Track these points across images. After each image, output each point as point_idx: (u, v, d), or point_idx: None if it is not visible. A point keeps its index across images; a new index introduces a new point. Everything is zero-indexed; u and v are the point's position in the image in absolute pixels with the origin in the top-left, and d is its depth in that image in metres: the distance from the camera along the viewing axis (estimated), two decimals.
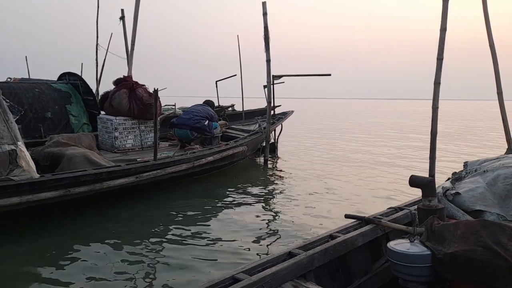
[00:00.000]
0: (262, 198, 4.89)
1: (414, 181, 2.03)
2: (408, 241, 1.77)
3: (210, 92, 10.74)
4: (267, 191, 5.29)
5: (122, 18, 8.02)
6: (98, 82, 10.38)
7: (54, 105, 6.37)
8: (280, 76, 7.71)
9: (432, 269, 1.65)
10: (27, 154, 3.61)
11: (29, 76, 10.66)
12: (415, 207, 2.15)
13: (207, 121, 6.19)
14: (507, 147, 4.71)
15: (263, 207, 4.51)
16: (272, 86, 7.28)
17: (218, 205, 4.53)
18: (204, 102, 7.01)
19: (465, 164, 2.65)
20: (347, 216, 2.27)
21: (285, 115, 8.78)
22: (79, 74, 7.53)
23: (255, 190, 5.28)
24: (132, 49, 6.78)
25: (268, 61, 6.97)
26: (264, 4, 6.72)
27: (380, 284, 1.94)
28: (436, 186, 2.17)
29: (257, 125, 7.61)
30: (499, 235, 1.56)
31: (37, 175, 3.59)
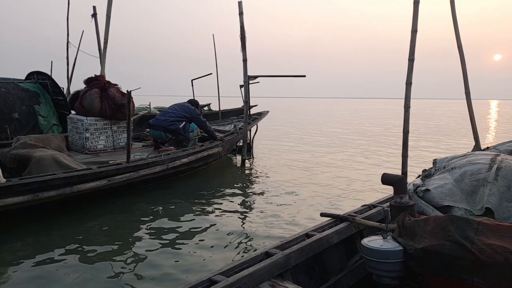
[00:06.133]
0: (238, 199, 4.87)
1: (386, 179, 2.07)
2: (381, 237, 1.80)
3: (186, 91, 10.61)
4: (243, 191, 5.28)
5: (94, 15, 7.79)
6: (69, 81, 10.05)
7: (22, 105, 6.10)
8: (255, 77, 7.71)
9: (404, 264, 1.69)
10: None
11: None
12: (388, 204, 2.20)
13: (183, 123, 6.02)
14: (474, 144, 4.92)
15: (239, 207, 4.49)
16: (248, 85, 7.28)
17: (193, 206, 4.48)
18: (188, 101, 6.63)
19: (434, 162, 2.74)
20: (322, 215, 2.29)
21: (260, 115, 8.81)
22: (49, 73, 7.26)
23: (231, 191, 5.26)
24: (105, 47, 6.58)
25: (245, 60, 6.95)
26: (240, 3, 6.70)
27: (355, 281, 1.98)
28: (407, 183, 2.23)
29: (232, 125, 7.58)
30: (466, 229, 1.61)
31: (3, 180, 3.43)
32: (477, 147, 4.85)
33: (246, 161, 7.22)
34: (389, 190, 2.35)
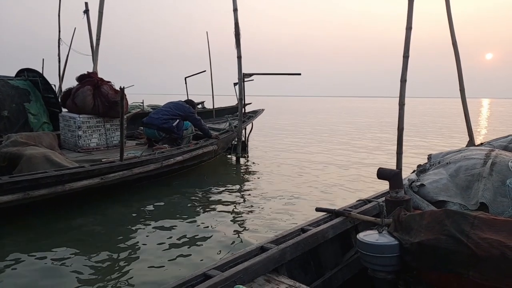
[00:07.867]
0: (233, 196, 4.85)
1: (382, 173, 2.06)
2: (377, 232, 1.79)
3: (180, 89, 10.54)
4: (238, 188, 5.26)
5: (86, 11, 7.71)
6: (61, 79, 9.95)
7: (11, 103, 6.02)
8: (250, 75, 7.68)
9: (399, 259, 1.69)
10: None
11: None
12: (383, 199, 2.19)
13: (177, 121, 5.95)
14: (468, 140, 4.95)
15: (234, 204, 4.47)
16: (243, 83, 7.25)
17: (188, 204, 4.45)
18: (185, 101, 6.53)
19: (429, 157, 2.75)
20: (317, 209, 2.28)
21: (255, 113, 8.78)
22: (40, 70, 7.16)
23: (226, 188, 5.24)
24: (97, 44, 6.50)
25: (239, 57, 6.92)
26: None
27: (350, 275, 1.97)
28: (402, 178, 2.22)
29: (227, 123, 7.55)
30: (462, 223, 1.61)
31: None
32: (471, 143, 4.88)
33: (241, 159, 7.20)
34: (384, 186, 2.34)
